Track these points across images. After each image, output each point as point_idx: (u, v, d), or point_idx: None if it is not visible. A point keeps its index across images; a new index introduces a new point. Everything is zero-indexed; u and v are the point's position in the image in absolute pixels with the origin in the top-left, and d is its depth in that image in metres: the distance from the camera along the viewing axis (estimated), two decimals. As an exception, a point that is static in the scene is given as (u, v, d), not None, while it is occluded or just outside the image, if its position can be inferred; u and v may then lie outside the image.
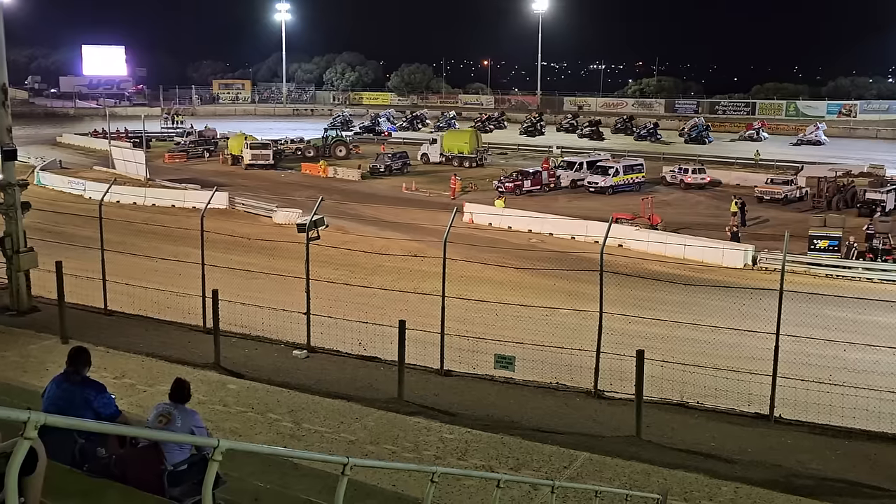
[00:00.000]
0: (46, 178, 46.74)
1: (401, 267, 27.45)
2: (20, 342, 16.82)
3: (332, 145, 61.27)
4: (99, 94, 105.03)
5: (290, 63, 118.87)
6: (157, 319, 19.00)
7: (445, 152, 57.93)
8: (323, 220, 18.15)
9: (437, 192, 46.43)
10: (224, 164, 57.35)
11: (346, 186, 48.61)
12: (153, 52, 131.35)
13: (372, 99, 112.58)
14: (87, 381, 7.39)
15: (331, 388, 14.68)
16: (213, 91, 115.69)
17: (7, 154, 19.43)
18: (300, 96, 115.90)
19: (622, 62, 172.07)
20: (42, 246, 20.84)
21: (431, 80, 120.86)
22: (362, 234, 33.06)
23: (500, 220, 36.93)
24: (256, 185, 47.21)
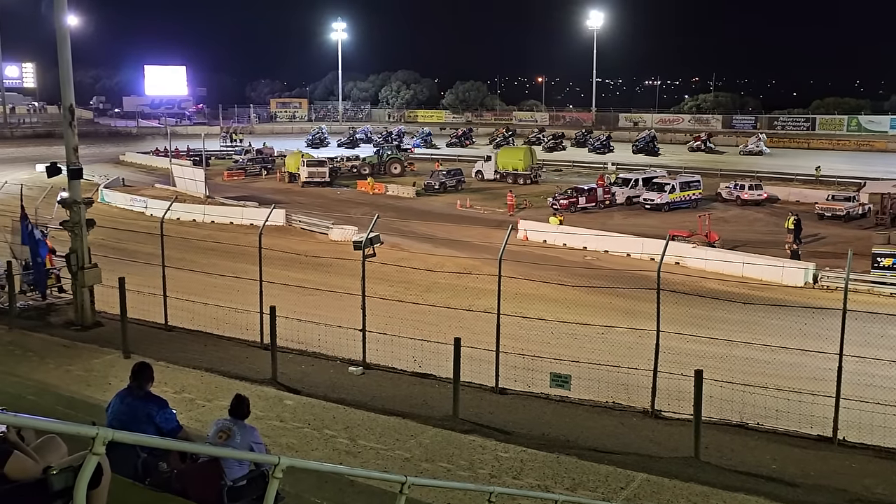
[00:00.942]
0: (109, 195, 47.89)
1: (455, 284, 27.49)
2: (84, 356, 17.20)
3: (388, 163, 61.79)
4: (160, 114, 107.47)
5: (346, 81, 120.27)
6: (215, 335, 19.26)
7: (500, 169, 58.00)
8: (379, 237, 18.28)
9: (491, 209, 46.44)
10: (281, 181, 58.14)
11: (401, 203, 48.86)
12: (213, 71, 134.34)
13: (427, 116, 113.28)
14: (149, 396, 7.53)
15: (386, 404, 14.70)
16: (271, 110, 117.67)
17: (73, 173, 19.95)
18: (356, 114, 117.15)
19: (678, 78, 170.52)
20: (105, 262, 21.31)
21: (486, 97, 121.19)
22: (417, 251, 33.21)
23: (554, 238, 36.75)
24: (312, 203, 47.73)
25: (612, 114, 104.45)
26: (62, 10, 19.75)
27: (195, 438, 7.76)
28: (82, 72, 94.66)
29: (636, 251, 32.75)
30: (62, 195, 21.16)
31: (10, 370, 15.63)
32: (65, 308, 21.33)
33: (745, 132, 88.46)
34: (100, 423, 7.09)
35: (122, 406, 7.47)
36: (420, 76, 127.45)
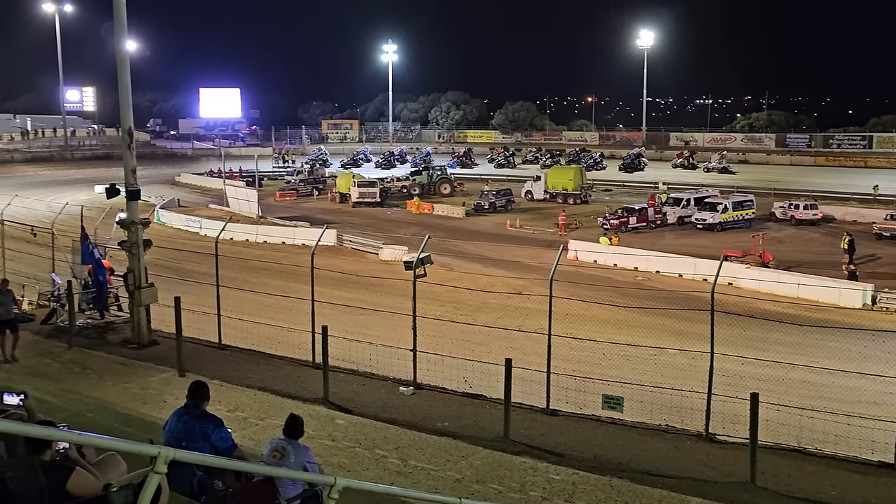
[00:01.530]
0: (165, 216, 48.81)
1: (505, 304, 27.44)
2: (140, 374, 17.53)
3: (437, 183, 62.05)
4: (215, 136, 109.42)
5: (397, 102, 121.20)
6: (268, 354, 19.46)
7: (549, 189, 57.88)
8: (430, 257, 18.33)
9: (541, 229, 46.33)
10: (332, 201, 58.72)
11: (451, 224, 48.99)
12: (266, 94, 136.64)
13: (476, 137, 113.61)
14: (205, 414, 7.64)
15: (437, 425, 14.70)
16: (322, 131, 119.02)
17: (131, 194, 20.43)
18: (406, 135, 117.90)
19: (730, 96, 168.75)
20: (160, 281, 21.70)
21: (535, 117, 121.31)
22: (467, 270, 33.24)
23: (605, 258, 36.54)
24: (363, 223, 48.11)
25: (662, 133, 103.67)
26: (122, 36, 20.29)
27: (250, 458, 7.85)
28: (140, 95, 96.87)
29: (688, 272, 32.36)
30: (120, 216, 21.64)
31: (69, 387, 16.00)
32: (122, 326, 21.76)
33: (798, 151, 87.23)
34: (157, 440, 7.23)
35: (179, 424, 7.58)
36: (469, 97, 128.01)
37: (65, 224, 26.67)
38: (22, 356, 18.49)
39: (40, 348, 19.82)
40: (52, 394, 13.95)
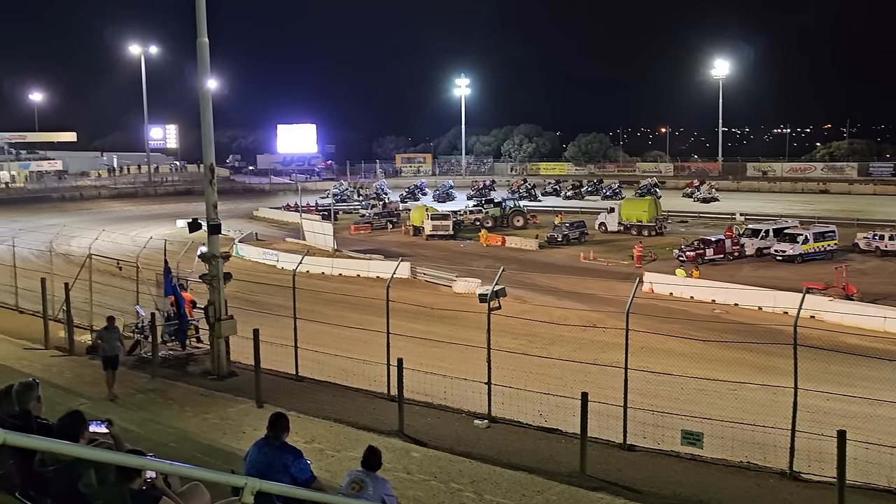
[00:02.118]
0: (244, 249, 49.88)
1: (580, 337, 27.20)
2: (220, 405, 17.87)
3: (510, 215, 62.13)
4: (291, 170, 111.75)
5: (469, 136, 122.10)
6: (344, 386, 19.63)
7: (624, 221, 57.40)
8: (504, 290, 18.31)
9: (615, 261, 45.90)
10: (406, 234, 59.23)
11: (524, 256, 48.90)
12: (341, 129, 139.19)
13: (549, 169, 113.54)
14: (285, 446, 7.75)
15: (512, 459, 14.61)
16: (396, 165, 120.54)
17: (212, 228, 20.98)
18: (478, 168, 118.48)
19: (809, 125, 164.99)
20: (239, 313, 22.13)
21: (608, 149, 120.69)
22: (540, 303, 33.06)
23: (681, 290, 35.97)
24: (436, 255, 48.36)
25: (739, 163, 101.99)
26: (205, 76, 20.98)
27: (328, 490, 7.93)
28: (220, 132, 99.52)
29: (768, 304, 31.61)
30: (202, 249, 22.21)
31: (152, 417, 16.40)
32: (202, 358, 22.24)
33: (882, 180, 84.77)
34: (238, 471, 7.37)
35: (260, 455, 7.70)
36: (542, 129, 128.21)
37: (149, 258, 27.45)
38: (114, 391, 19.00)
39: (124, 378, 20.34)
40: (136, 423, 14.30)
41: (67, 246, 40.18)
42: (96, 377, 20.33)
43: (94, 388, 18.97)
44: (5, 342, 24.17)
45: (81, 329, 24.89)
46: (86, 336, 24.51)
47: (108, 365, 18.61)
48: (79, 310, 25.07)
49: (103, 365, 18.71)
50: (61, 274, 28.41)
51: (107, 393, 18.36)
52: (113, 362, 18.69)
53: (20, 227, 35.94)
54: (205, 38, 20.66)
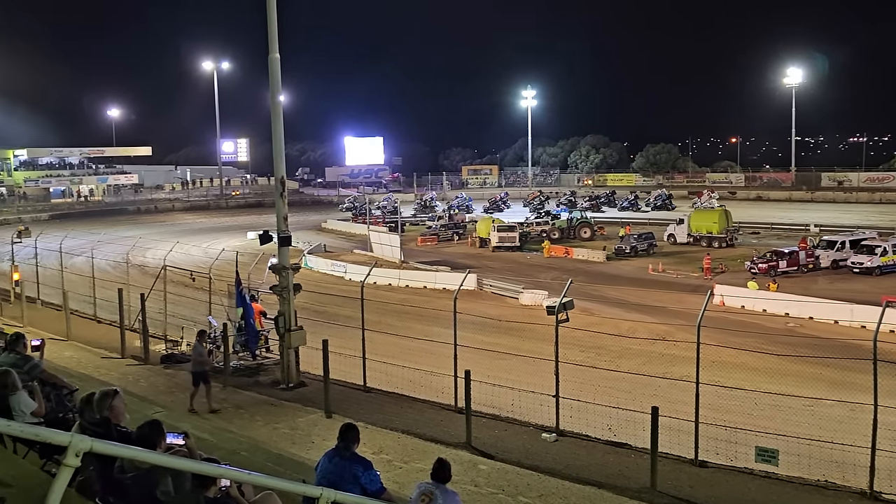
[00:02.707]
0: (312, 260, 50.48)
1: (648, 350, 26.82)
2: (289, 415, 18.10)
3: (577, 227, 61.68)
4: (359, 183, 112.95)
5: (536, 147, 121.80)
6: (411, 397, 19.71)
7: (693, 232, 56.49)
8: (572, 302, 18.19)
9: (684, 273, 45.18)
10: (472, 246, 59.21)
11: (591, 268, 48.47)
12: (408, 141, 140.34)
13: (616, 180, 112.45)
14: (355, 457, 7.79)
15: (581, 473, 14.47)
16: (463, 177, 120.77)
17: (283, 240, 21.32)
18: (545, 179, 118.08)
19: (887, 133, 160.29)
20: (308, 324, 22.43)
21: (677, 159, 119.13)
22: (608, 315, 32.72)
23: (753, 303, 35.19)
24: (503, 267, 48.23)
25: (813, 173, 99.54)
26: (276, 92, 21.37)
27: (398, 501, 7.95)
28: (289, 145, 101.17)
29: (844, 318, 30.71)
30: (272, 261, 22.57)
31: (224, 426, 16.69)
32: (272, 368, 22.58)
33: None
34: (308, 480, 7.44)
35: (330, 466, 7.77)
36: (609, 140, 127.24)
37: (220, 269, 28.02)
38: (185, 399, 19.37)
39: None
40: (208, 432, 14.58)
41: (143, 257, 41.23)
42: (170, 386, 20.83)
43: (169, 397, 19.41)
44: (84, 351, 24.90)
45: (156, 339, 25.50)
46: (160, 346, 25.11)
47: (199, 380, 18.75)
48: (153, 320, 25.71)
49: (193, 380, 18.91)
50: (137, 285, 29.21)
51: (198, 405, 18.46)
52: (204, 377, 18.82)
53: (98, 239, 37.01)
54: (276, 55, 21.06)
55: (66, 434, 3.29)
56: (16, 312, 30.03)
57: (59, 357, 21.11)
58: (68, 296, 28.78)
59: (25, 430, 3.40)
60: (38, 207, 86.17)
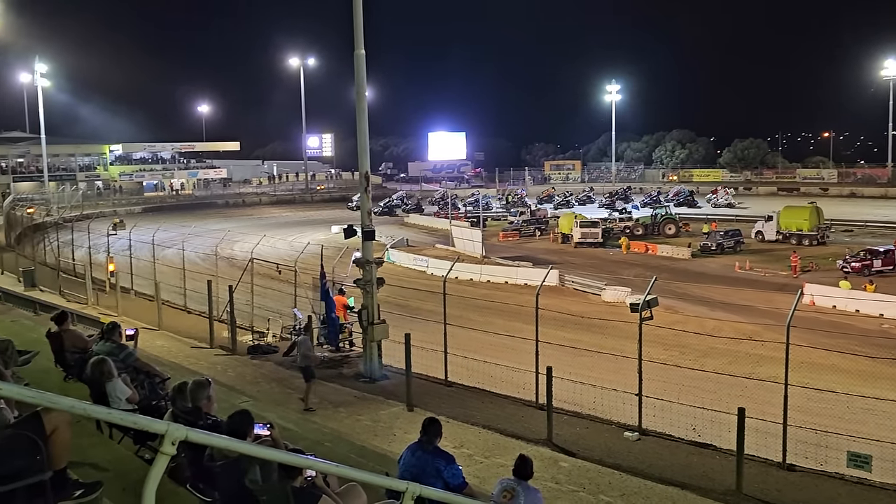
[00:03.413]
0: (395, 255, 50.92)
1: (734, 350, 26.26)
2: (372, 408, 18.32)
3: (661, 223, 60.75)
4: (441, 178, 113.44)
5: (620, 142, 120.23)
6: (492, 392, 19.72)
7: (782, 230, 55.04)
8: (656, 299, 17.92)
9: (772, 271, 44.05)
10: (554, 242, 58.92)
11: (675, 265, 47.68)
12: (491, 136, 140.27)
13: (702, 176, 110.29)
14: (438, 451, 7.84)
15: (663, 473, 14.26)
16: (545, 172, 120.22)
17: (367, 234, 21.58)
18: (629, 175, 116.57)
19: None
20: (390, 318, 22.62)
21: (766, 154, 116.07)
22: (692, 314, 32.15)
23: (846, 303, 34.10)
24: (585, 263, 47.84)
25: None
26: (361, 88, 21.62)
27: (479, 497, 7.98)
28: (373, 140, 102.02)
29: (945, 320, 29.55)
30: (356, 255, 22.87)
31: (308, 416, 17.00)
32: (355, 361, 22.87)
33: None
34: (391, 473, 7.54)
35: (413, 459, 7.83)
36: (696, 135, 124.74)
37: (305, 262, 28.51)
38: (271, 389, 19.78)
39: (283, 378, 21.22)
40: (293, 422, 14.85)
41: (231, 250, 42.24)
42: (256, 377, 21.31)
43: (255, 387, 19.86)
44: (174, 340, 25.67)
45: (243, 330, 26.12)
46: (247, 337, 25.71)
47: (305, 374, 18.71)
48: (241, 311, 26.34)
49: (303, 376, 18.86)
50: (225, 277, 29.95)
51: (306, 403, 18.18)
52: (305, 372, 18.71)
53: (188, 232, 38.09)
54: (361, 51, 21.28)
55: (163, 423, 3.41)
56: (111, 302, 31.15)
57: (152, 346, 21.81)
58: (160, 287, 29.72)
59: (125, 418, 3.53)
60: (131, 201, 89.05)
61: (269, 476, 6.10)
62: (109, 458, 7.42)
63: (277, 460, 4.95)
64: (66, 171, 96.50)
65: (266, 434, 6.99)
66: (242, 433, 6.49)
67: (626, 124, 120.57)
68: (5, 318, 19.68)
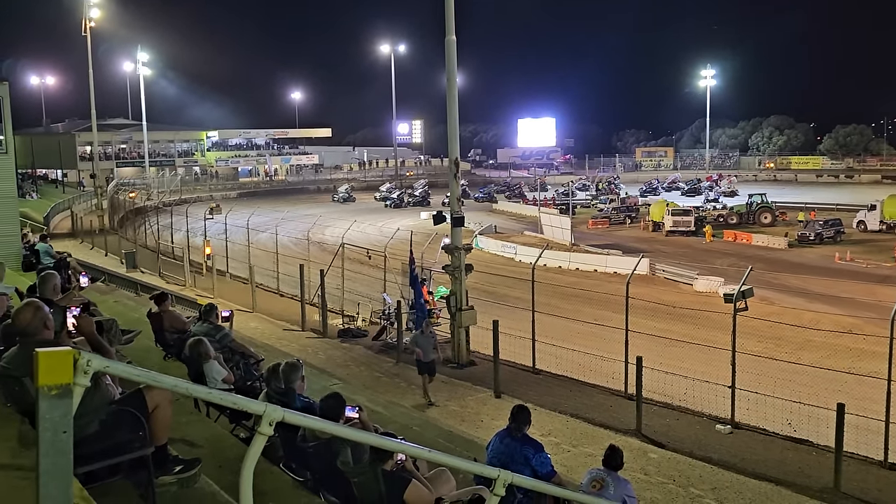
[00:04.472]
0: (483, 241, 50.92)
1: (833, 343, 25.38)
2: (459, 393, 18.41)
3: (757, 212, 59.10)
4: (530, 164, 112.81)
5: (714, 129, 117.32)
6: (580, 381, 19.57)
7: (887, 219, 52.92)
8: (751, 290, 17.48)
9: (875, 262, 42.41)
10: (645, 230, 57.99)
11: (771, 255, 46.35)
12: (581, 123, 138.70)
13: (801, 163, 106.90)
14: (526, 438, 7.83)
15: (757, 468, 13.92)
16: (636, 159, 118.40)
17: (456, 221, 21.64)
18: (723, 162, 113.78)
19: None
20: (478, 304, 22.66)
21: (870, 141, 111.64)
22: (788, 305, 31.27)
23: (954, 297, 32.59)
24: (676, 252, 46.92)
25: None
26: (452, 75, 21.64)
27: (567, 485, 7.94)
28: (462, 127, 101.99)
29: None
30: (445, 241, 22.96)
31: (396, 400, 17.19)
32: (443, 346, 22.98)
33: None
34: (479, 459, 7.55)
35: (501, 446, 7.84)
36: (794, 121, 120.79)
37: (395, 248, 28.78)
38: (360, 372, 20.04)
39: (371, 362, 21.52)
40: (382, 405, 15.04)
41: (322, 235, 42.93)
42: (346, 360, 21.66)
43: (345, 370, 20.18)
44: (267, 322, 26.29)
45: (333, 314, 26.56)
46: (337, 320, 26.14)
47: (424, 370, 18.00)
48: (331, 295, 26.78)
49: (418, 369, 18.25)
50: (316, 261, 30.50)
51: (423, 398, 17.71)
52: (429, 368, 18.00)
53: (282, 217, 38.90)
54: (453, 37, 21.30)
55: (260, 404, 3.48)
56: (207, 284, 32.08)
57: (245, 328, 22.39)
58: (254, 270, 30.45)
59: (225, 398, 3.62)
60: (227, 186, 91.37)
61: (361, 458, 6.19)
62: (206, 436, 7.63)
63: (371, 443, 5.01)
64: (165, 157, 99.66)
65: (355, 416, 7.07)
66: (335, 416, 6.59)
67: (721, 110, 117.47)
68: (109, 299, 20.43)
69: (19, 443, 5.20)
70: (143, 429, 5.26)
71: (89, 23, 59.30)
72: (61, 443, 3.04)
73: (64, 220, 54.28)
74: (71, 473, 3.11)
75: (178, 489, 5.62)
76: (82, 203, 62.20)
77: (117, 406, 5.40)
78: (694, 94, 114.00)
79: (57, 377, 3.03)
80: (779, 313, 28.16)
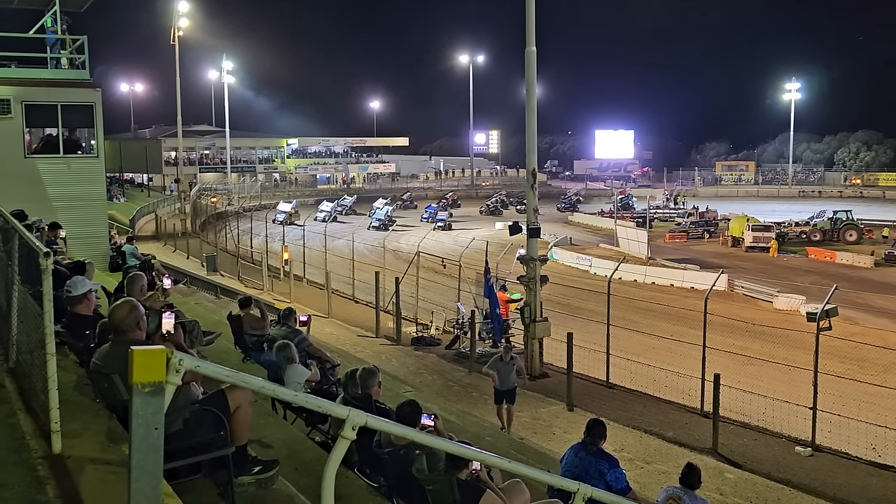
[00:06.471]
0: (558, 253, 50.56)
1: (921, 367, 24.52)
2: (532, 405, 18.32)
3: (842, 229, 57.42)
4: (607, 176, 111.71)
5: (798, 143, 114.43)
6: (655, 397, 19.30)
7: (980, 239, 50.86)
8: (836, 309, 16.99)
9: (969, 284, 40.77)
10: (723, 245, 56.87)
11: (856, 273, 44.95)
12: (659, 135, 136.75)
13: (889, 180, 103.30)
14: (601, 453, 7.77)
15: (838, 493, 13.53)
16: (716, 172, 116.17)
17: (532, 231, 21.60)
18: (807, 177, 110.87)
19: None
20: (552, 316, 22.55)
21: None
22: (873, 326, 30.33)
23: None
24: (755, 269, 45.85)
25: None
26: (532, 86, 21.64)
27: (642, 501, 7.85)
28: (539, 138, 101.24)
29: None
30: (520, 252, 22.92)
31: (468, 410, 17.21)
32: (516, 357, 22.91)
33: None
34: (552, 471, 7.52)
35: (576, 460, 7.80)
36: (884, 136, 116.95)
37: (469, 257, 28.82)
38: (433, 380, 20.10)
39: (444, 371, 21.58)
40: (455, 415, 15.07)
41: (397, 243, 43.27)
42: (419, 367, 21.77)
43: (418, 378, 20.29)
44: (342, 328, 26.60)
45: (407, 321, 26.73)
46: (411, 328, 26.29)
47: (500, 398, 16.27)
48: (406, 303, 26.96)
49: (495, 398, 16.47)
50: (391, 269, 30.75)
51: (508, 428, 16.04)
52: (507, 396, 16.26)
53: (358, 224, 39.37)
54: (533, 48, 21.30)
55: (345, 408, 3.55)
56: (284, 289, 32.64)
57: (321, 333, 22.68)
58: (330, 276, 30.86)
59: (310, 401, 3.70)
60: (305, 192, 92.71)
61: (436, 466, 6.23)
62: (283, 439, 7.78)
63: (450, 451, 5.04)
64: (246, 163, 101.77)
65: (430, 424, 7.11)
66: (411, 422, 6.64)
67: (806, 123, 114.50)
68: (190, 300, 20.97)
69: (108, 438, 5.39)
70: (225, 428, 5.39)
71: (178, 32, 61.10)
72: (153, 439, 3.14)
73: (148, 223, 55.86)
74: (161, 469, 3.21)
75: (257, 489, 5.73)
76: (166, 206, 63.97)
77: (200, 406, 5.54)
78: (777, 107, 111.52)
79: (150, 375, 3.14)
80: (863, 334, 27.30)
